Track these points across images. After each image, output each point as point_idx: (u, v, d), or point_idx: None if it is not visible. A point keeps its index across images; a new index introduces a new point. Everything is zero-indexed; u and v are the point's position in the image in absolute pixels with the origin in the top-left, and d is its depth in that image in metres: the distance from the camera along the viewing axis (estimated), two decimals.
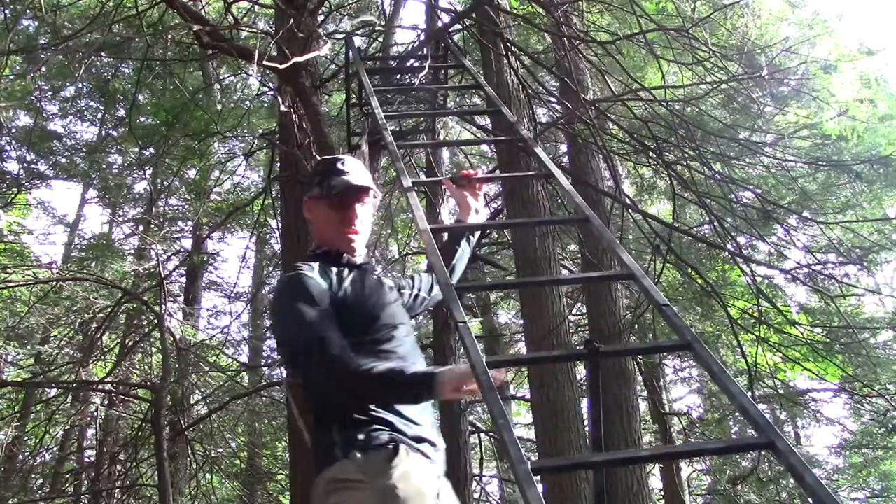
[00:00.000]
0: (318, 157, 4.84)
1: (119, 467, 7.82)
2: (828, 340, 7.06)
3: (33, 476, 8.51)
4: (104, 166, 9.61)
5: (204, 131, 6.93)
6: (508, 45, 5.90)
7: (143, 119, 8.07)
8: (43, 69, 7.24)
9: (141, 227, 9.67)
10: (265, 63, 4.05)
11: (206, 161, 8.31)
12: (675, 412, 10.89)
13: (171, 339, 6.63)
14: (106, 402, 8.48)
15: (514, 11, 6.83)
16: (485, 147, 11.96)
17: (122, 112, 8.83)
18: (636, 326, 7.43)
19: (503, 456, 10.18)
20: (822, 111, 6.86)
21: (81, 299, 7.47)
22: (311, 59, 4.43)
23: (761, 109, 6.94)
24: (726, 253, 6.45)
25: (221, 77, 8.47)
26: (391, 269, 11.42)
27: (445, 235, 2.56)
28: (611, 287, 7.06)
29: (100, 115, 9.64)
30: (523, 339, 8.79)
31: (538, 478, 1.39)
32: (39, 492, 8.44)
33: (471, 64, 3.92)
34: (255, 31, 6.13)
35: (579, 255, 8.48)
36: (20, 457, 8.39)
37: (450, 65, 3.97)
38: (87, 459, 9.42)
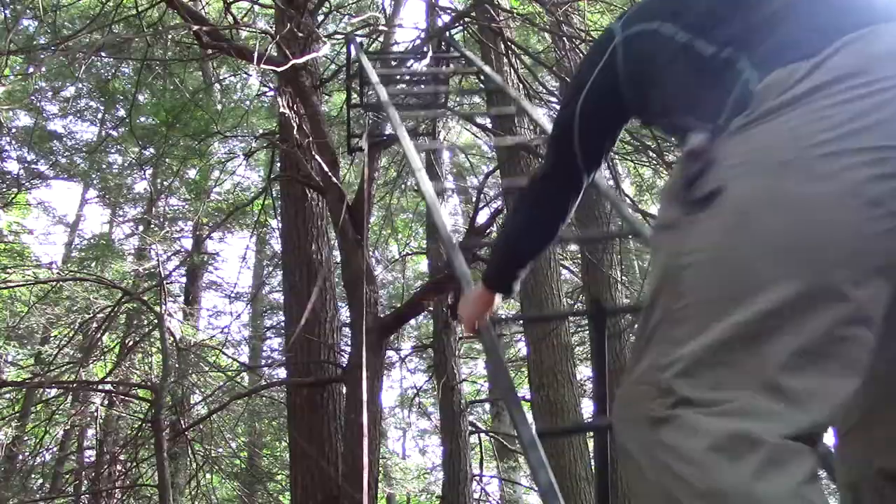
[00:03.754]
0: (318, 157, 4.86)
1: (119, 467, 7.81)
2: None
3: (33, 476, 8.50)
4: (104, 166, 9.61)
5: (204, 131, 6.93)
6: (509, 44, 5.90)
7: (143, 119, 8.07)
8: (43, 69, 7.24)
9: (141, 227, 9.66)
10: (264, 66, 4.06)
11: (206, 161, 8.31)
12: None
13: (171, 339, 6.62)
14: (106, 402, 8.47)
15: (515, 11, 6.83)
16: (485, 146, 11.94)
17: (122, 112, 8.83)
18: (636, 325, 7.43)
19: (503, 455, 10.18)
20: None
21: (81, 299, 7.47)
22: (311, 59, 4.43)
23: None
24: None
25: (221, 77, 8.47)
26: (391, 268, 11.43)
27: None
28: (611, 288, 7.06)
29: (100, 115, 9.64)
30: (523, 338, 8.79)
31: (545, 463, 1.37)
32: (39, 492, 8.43)
33: (471, 54, 3.92)
34: (255, 30, 6.14)
35: (579, 256, 8.47)
36: (20, 457, 8.38)
37: (452, 55, 3.98)
38: (87, 459, 9.41)
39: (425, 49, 4.48)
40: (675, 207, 1.04)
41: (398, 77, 4.27)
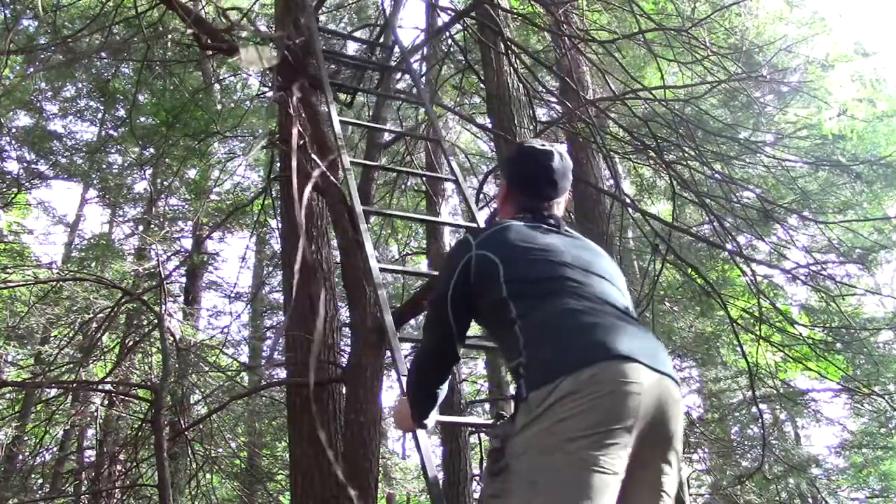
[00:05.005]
0: (318, 157, 4.86)
1: (119, 467, 7.81)
2: (829, 340, 7.05)
3: (33, 476, 8.50)
4: (104, 166, 9.61)
5: (204, 131, 6.93)
6: (508, 44, 5.90)
7: (143, 119, 8.07)
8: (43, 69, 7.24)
9: (141, 227, 9.67)
10: (267, 69, 4.06)
11: (206, 161, 8.31)
12: None
13: (171, 339, 6.62)
14: (106, 402, 8.47)
15: (515, 10, 6.83)
16: (485, 146, 11.96)
17: (122, 112, 8.84)
18: None
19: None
20: (821, 111, 6.87)
21: (81, 299, 7.47)
22: (310, 58, 4.43)
23: (761, 109, 6.94)
24: (726, 253, 6.45)
25: (221, 77, 8.47)
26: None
27: None
28: None
29: (100, 115, 9.65)
30: None
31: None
32: (39, 492, 8.44)
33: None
34: (255, 31, 6.13)
35: None
36: (20, 457, 8.38)
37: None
38: (87, 459, 9.41)
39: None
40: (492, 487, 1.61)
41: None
